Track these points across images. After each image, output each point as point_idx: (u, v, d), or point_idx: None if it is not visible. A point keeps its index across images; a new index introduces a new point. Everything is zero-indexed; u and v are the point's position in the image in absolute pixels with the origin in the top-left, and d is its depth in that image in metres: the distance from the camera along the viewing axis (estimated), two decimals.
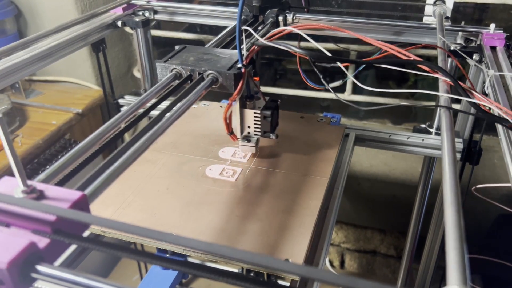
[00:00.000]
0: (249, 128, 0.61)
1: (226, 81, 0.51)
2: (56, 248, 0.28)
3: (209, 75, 0.51)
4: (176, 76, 0.52)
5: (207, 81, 0.51)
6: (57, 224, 0.28)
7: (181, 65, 0.52)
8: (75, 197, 0.30)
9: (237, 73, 0.51)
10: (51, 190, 0.30)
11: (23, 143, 0.98)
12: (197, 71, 0.51)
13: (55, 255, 0.29)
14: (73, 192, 0.30)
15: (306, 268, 0.27)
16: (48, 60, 0.70)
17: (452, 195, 0.29)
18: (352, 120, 1.35)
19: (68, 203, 0.29)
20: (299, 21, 0.79)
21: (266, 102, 0.60)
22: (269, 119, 0.59)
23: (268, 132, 0.60)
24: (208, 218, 0.52)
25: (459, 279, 0.24)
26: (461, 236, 0.26)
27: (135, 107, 0.45)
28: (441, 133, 0.40)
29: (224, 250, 0.26)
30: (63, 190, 0.30)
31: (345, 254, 1.41)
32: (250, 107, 0.59)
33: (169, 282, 0.50)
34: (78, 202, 0.30)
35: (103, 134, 0.39)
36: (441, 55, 0.59)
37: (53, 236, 0.28)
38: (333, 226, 0.57)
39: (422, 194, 0.93)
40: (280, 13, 0.78)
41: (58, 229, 0.28)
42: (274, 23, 0.79)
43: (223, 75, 0.51)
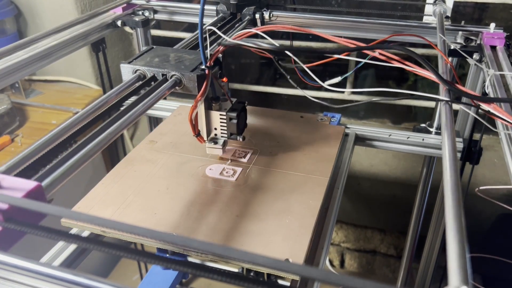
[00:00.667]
0: (215, 130, 0.60)
1: (190, 83, 0.51)
2: (9, 236, 0.29)
3: (172, 76, 0.51)
4: (139, 77, 0.52)
5: (170, 82, 0.50)
6: (10, 213, 0.28)
7: (145, 66, 0.52)
8: (30, 186, 0.30)
9: (200, 74, 0.50)
10: (8, 180, 0.31)
11: (23, 142, 0.98)
12: (161, 73, 0.51)
13: (8, 243, 0.29)
14: (29, 182, 0.31)
15: (306, 268, 0.27)
16: (48, 59, 0.70)
17: (453, 194, 0.29)
18: (352, 119, 1.35)
19: (23, 192, 0.30)
20: (277, 18, 0.80)
21: (233, 104, 0.59)
22: (235, 121, 0.58)
23: (234, 134, 0.59)
24: (208, 218, 0.52)
25: (460, 279, 0.24)
26: (462, 236, 0.26)
27: (96, 107, 0.45)
28: (441, 129, 0.40)
29: (224, 250, 0.26)
30: (19, 180, 0.31)
31: (345, 253, 1.42)
32: (216, 108, 0.58)
33: (169, 281, 0.50)
34: (32, 192, 0.30)
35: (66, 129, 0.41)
36: (441, 55, 0.58)
37: (5, 224, 0.28)
38: (333, 226, 0.57)
39: (422, 193, 0.93)
40: (257, 11, 0.78)
41: (10, 218, 0.28)
42: (251, 21, 0.79)
43: (186, 76, 0.50)
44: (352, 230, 1.38)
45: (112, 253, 0.28)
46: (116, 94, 0.48)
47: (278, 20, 0.81)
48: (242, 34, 0.61)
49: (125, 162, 0.63)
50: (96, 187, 0.57)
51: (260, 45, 0.56)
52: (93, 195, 0.56)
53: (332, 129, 0.71)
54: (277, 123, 0.73)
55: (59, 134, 0.40)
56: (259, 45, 0.56)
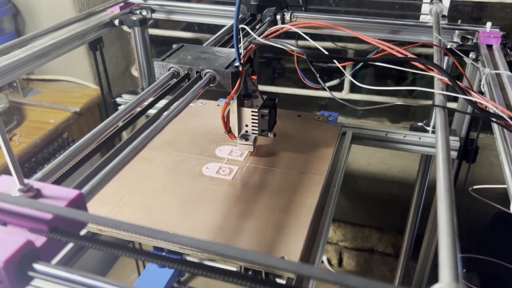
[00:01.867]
0: (247, 126, 0.61)
1: (224, 80, 0.51)
2: (53, 247, 0.28)
3: (206, 73, 0.51)
4: (173, 75, 0.52)
5: (205, 79, 0.51)
6: (54, 223, 0.28)
7: (178, 63, 0.52)
8: (72, 195, 0.30)
9: (234, 71, 0.51)
10: (48, 188, 0.30)
11: (20, 142, 0.98)
12: (195, 70, 0.51)
13: (52, 254, 0.29)
14: (70, 190, 0.30)
15: (300, 265, 0.27)
16: (45, 58, 0.70)
17: (446, 192, 0.29)
18: (350, 118, 1.35)
19: (65, 201, 0.29)
20: (297, 19, 0.80)
21: (264, 100, 0.60)
22: (267, 117, 0.59)
23: (266, 131, 0.60)
24: (205, 216, 0.53)
25: (451, 276, 0.24)
26: (454, 234, 0.26)
27: (132, 106, 0.45)
28: (436, 131, 0.41)
29: (219, 248, 0.26)
30: (60, 189, 0.30)
31: (343, 252, 1.42)
32: (248, 105, 0.59)
33: (166, 279, 0.50)
34: (75, 201, 0.30)
35: (101, 132, 0.40)
36: (437, 54, 0.59)
37: (50, 234, 0.28)
38: (330, 224, 0.57)
39: (419, 192, 0.93)
40: (278, 12, 0.78)
41: (55, 228, 0.28)
42: (272, 22, 0.79)
43: (221, 73, 0.51)
44: (350, 229, 1.39)
45: (110, 252, 0.28)
46: (152, 91, 0.48)
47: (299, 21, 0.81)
48: (272, 31, 0.62)
49: None
50: None
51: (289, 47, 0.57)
52: None
53: (329, 128, 0.71)
54: None
55: (91, 140, 0.38)
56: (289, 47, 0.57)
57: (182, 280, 1.31)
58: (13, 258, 0.26)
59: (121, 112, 0.43)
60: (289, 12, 0.79)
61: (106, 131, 0.41)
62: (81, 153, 0.37)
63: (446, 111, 0.45)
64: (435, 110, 0.46)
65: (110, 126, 0.41)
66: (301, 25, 0.71)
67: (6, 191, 0.30)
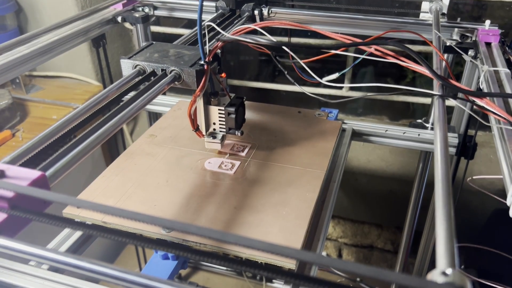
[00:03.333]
0: (214, 124, 0.61)
1: (189, 78, 0.52)
2: (15, 223, 0.30)
3: (171, 71, 0.52)
4: (139, 73, 0.53)
5: (169, 77, 0.51)
6: (15, 201, 0.29)
7: (144, 61, 0.53)
8: (34, 176, 0.31)
9: (199, 69, 0.51)
10: (13, 170, 0.32)
11: (24, 137, 0.99)
12: (160, 68, 0.52)
13: (14, 230, 0.30)
14: (33, 171, 0.32)
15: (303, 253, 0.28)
16: (48, 55, 0.71)
17: (443, 180, 0.30)
18: (350, 116, 1.36)
19: (27, 181, 0.31)
20: (275, 15, 0.81)
21: (231, 98, 0.60)
22: (233, 115, 0.59)
23: (233, 129, 0.60)
24: (206, 210, 0.53)
25: (447, 262, 0.25)
26: (451, 223, 0.27)
27: (96, 101, 0.46)
28: (434, 122, 0.41)
29: (224, 236, 0.27)
30: (23, 170, 0.32)
31: (343, 248, 1.43)
32: (214, 103, 0.59)
33: (169, 271, 0.51)
34: (37, 181, 0.31)
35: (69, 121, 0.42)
36: (435, 51, 0.59)
37: (10, 211, 0.29)
38: (330, 218, 0.58)
39: (418, 189, 0.94)
40: (256, 7, 0.79)
41: (15, 205, 0.29)
42: (250, 17, 0.80)
43: (186, 72, 0.51)
44: (349, 225, 1.40)
45: (115, 239, 0.29)
46: (116, 88, 0.49)
47: (277, 17, 0.82)
48: (240, 30, 0.62)
49: (126, 155, 0.64)
50: (97, 180, 0.59)
51: (258, 40, 0.57)
52: (94, 187, 0.57)
53: (329, 124, 0.72)
54: (275, 118, 0.74)
55: (60, 128, 0.41)
56: (257, 41, 0.57)
57: (183, 275, 1.32)
58: None
59: (87, 105, 0.45)
60: (267, 7, 0.80)
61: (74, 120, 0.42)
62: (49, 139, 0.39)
63: (444, 106, 0.46)
64: (433, 105, 0.46)
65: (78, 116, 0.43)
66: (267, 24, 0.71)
67: None
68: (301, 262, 0.47)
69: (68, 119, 0.42)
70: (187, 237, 0.48)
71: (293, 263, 0.45)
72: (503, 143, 0.47)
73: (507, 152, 0.45)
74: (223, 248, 0.48)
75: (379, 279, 0.22)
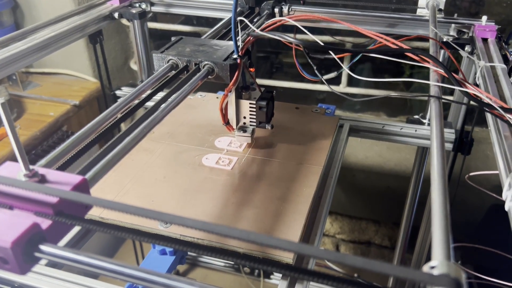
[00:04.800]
0: (244, 118, 0.62)
1: (222, 72, 0.52)
2: (59, 229, 0.29)
3: (205, 65, 0.52)
4: (172, 67, 0.53)
5: (203, 71, 0.51)
6: (59, 206, 0.29)
7: (177, 56, 0.53)
8: (76, 180, 0.31)
9: (232, 63, 0.51)
10: (53, 174, 0.31)
11: (21, 134, 0.99)
12: (193, 62, 0.52)
13: (58, 236, 0.30)
14: (74, 176, 0.31)
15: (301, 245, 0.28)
16: (45, 51, 0.71)
17: (439, 173, 0.30)
18: (347, 112, 1.36)
19: (70, 186, 0.30)
20: (295, 13, 0.80)
21: (262, 93, 0.61)
22: (264, 109, 0.60)
23: (263, 123, 0.61)
24: (204, 205, 0.54)
25: (443, 254, 0.25)
26: (446, 215, 0.27)
27: (131, 97, 0.46)
28: (430, 120, 0.42)
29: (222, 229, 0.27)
30: (64, 174, 0.31)
31: (340, 245, 1.43)
32: (245, 97, 0.60)
33: (166, 266, 0.51)
34: (79, 186, 0.31)
35: (101, 123, 0.41)
36: (433, 47, 0.60)
37: (55, 217, 0.29)
38: (327, 214, 0.58)
39: (415, 185, 0.94)
40: (276, 5, 0.79)
41: (60, 211, 0.29)
42: (270, 15, 0.79)
43: (219, 65, 0.52)
44: (347, 222, 1.40)
45: (113, 234, 0.29)
46: (151, 83, 0.49)
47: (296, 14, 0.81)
48: (272, 23, 0.62)
49: None
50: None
51: (287, 39, 0.58)
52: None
53: (326, 120, 0.72)
54: None
55: (93, 128, 0.39)
56: (286, 39, 0.58)
57: (181, 272, 1.33)
58: (19, 239, 0.27)
59: (120, 103, 0.44)
60: (287, 5, 0.80)
61: (106, 122, 0.41)
62: (83, 142, 0.38)
63: (441, 101, 0.46)
64: (430, 101, 0.47)
65: (110, 117, 0.42)
66: (299, 17, 0.72)
67: (12, 176, 0.31)
68: (298, 256, 0.47)
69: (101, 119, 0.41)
70: (184, 232, 0.48)
71: (290, 257, 0.45)
72: (499, 138, 0.47)
73: (503, 147, 0.45)
74: (220, 242, 0.48)
75: (375, 271, 0.22)
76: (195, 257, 1.33)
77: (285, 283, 0.46)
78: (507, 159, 0.42)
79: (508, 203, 0.37)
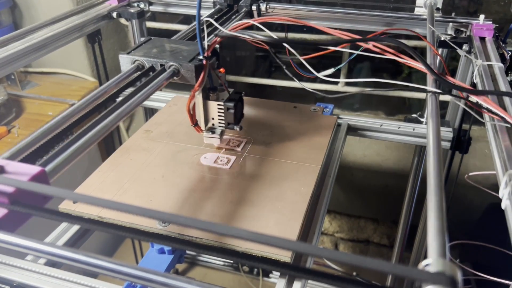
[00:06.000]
0: (213, 119, 0.61)
1: (187, 73, 0.52)
2: (15, 219, 0.30)
3: (170, 66, 0.52)
4: (138, 68, 0.53)
5: (168, 72, 0.51)
6: (15, 196, 0.29)
7: (143, 56, 0.53)
8: (34, 171, 0.31)
9: (198, 65, 0.51)
10: (12, 165, 0.32)
11: (19, 134, 0.99)
12: (159, 63, 0.52)
13: (15, 225, 0.30)
14: (33, 167, 0.32)
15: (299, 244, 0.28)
16: (43, 51, 0.71)
17: (435, 171, 0.30)
18: (346, 111, 1.36)
19: (27, 176, 0.31)
20: (274, 11, 0.80)
21: (230, 94, 0.60)
22: (232, 110, 0.59)
23: (232, 124, 0.60)
24: (202, 204, 0.54)
25: (438, 252, 0.25)
26: (442, 214, 0.28)
27: (98, 95, 0.46)
28: (427, 117, 0.42)
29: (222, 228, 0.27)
30: (23, 166, 0.32)
31: (339, 243, 1.44)
32: (213, 99, 0.59)
33: (165, 265, 0.51)
34: (37, 176, 0.31)
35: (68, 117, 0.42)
36: (429, 46, 0.60)
37: (11, 206, 0.29)
38: (325, 212, 0.59)
39: (413, 183, 0.94)
40: (253, 3, 0.79)
41: (16, 201, 0.29)
42: (248, 13, 0.79)
43: (184, 67, 0.51)
44: (345, 220, 1.40)
45: (112, 233, 0.29)
46: (115, 84, 0.49)
47: (275, 12, 0.82)
48: (238, 25, 0.62)
49: (121, 150, 0.64)
50: (93, 175, 0.59)
51: (256, 37, 0.57)
52: (90, 182, 0.57)
53: (324, 119, 0.73)
54: (271, 113, 0.74)
55: (59, 124, 0.40)
56: (255, 37, 0.58)
57: (180, 270, 1.33)
58: None
59: (86, 100, 0.45)
60: (265, 3, 0.80)
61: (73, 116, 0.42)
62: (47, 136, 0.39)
63: (438, 100, 0.46)
64: (427, 99, 0.47)
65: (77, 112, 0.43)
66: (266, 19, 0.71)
67: None
68: (296, 254, 0.47)
69: (67, 114, 0.42)
70: (183, 231, 0.49)
71: (288, 256, 0.46)
72: (496, 137, 0.47)
73: (500, 146, 0.45)
74: (219, 241, 0.48)
75: (371, 268, 0.23)
76: (194, 256, 1.33)
77: (283, 282, 0.46)
78: (504, 157, 0.43)
79: (504, 201, 0.37)
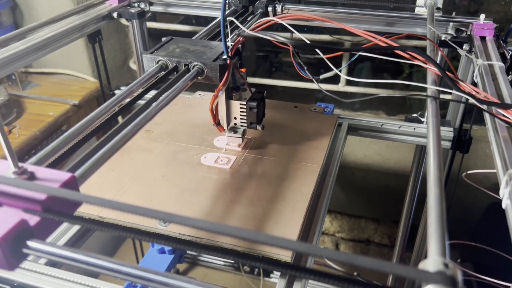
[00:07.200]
0: (235, 119, 0.61)
1: (212, 73, 0.52)
2: (47, 226, 0.30)
3: (194, 66, 0.52)
4: (162, 68, 0.53)
5: (193, 72, 0.51)
6: (47, 203, 0.29)
7: (167, 56, 0.53)
8: (64, 178, 0.31)
9: (222, 64, 0.51)
10: (42, 171, 0.31)
11: (20, 134, 0.99)
12: (183, 63, 0.52)
13: (46, 232, 0.30)
14: (63, 173, 0.31)
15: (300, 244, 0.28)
16: (44, 51, 0.71)
17: (435, 174, 0.30)
18: (346, 111, 1.36)
19: (58, 183, 0.30)
20: (289, 11, 0.80)
21: (252, 93, 0.60)
22: (255, 110, 0.59)
23: (254, 123, 0.61)
24: (203, 204, 0.54)
25: (438, 251, 0.25)
26: (442, 213, 0.28)
27: (122, 96, 0.46)
28: (427, 118, 0.42)
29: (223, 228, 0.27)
30: (53, 172, 0.31)
31: (340, 243, 1.44)
32: (236, 98, 0.59)
33: (165, 265, 0.51)
34: (67, 183, 0.31)
35: (92, 121, 0.41)
36: (430, 45, 0.60)
37: (43, 214, 0.29)
38: (326, 212, 0.59)
39: (414, 183, 0.94)
40: (269, 4, 0.79)
41: (48, 208, 0.29)
42: (264, 14, 0.79)
43: (209, 66, 0.51)
44: (346, 220, 1.40)
45: (113, 233, 0.29)
46: (140, 84, 0.49)
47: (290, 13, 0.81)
48: (261, 23, 0.62)
49: (122, 150, 0.64)
50: (93, 175, 0.59)
51: (278, 38, 0.57)
52: (90, 182, 0.57)
53: (325, 118, 0.73)
54: (271, 113, 0.74)
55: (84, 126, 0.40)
56: (277, 39, 0.57)
57: (181, 271, 1.33)
58: (7, 236, 0.27)
59: (111, 103, 0.44)
60: (281, 4, 0.80)
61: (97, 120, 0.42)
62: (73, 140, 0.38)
63: (438, 100, 0.46)
64: (427, 100, 0.47)
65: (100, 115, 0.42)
66: (289, 17, 0.71)
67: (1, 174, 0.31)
68: (297, 254, 0.47)
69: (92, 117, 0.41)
70: (183, 231, 0.49)
71: (289, 255, 0.46)
72: (497, 136, 0.47)
73: (501, 145, 0.45)
74: (219, 241, 0.48)
75: (372, 268, 0.23)
76: (195, 256, 1.33)
77: (284, 282, 0.46)
78: (504, 157, 0.43)
79: (505, 201, 0.37)
